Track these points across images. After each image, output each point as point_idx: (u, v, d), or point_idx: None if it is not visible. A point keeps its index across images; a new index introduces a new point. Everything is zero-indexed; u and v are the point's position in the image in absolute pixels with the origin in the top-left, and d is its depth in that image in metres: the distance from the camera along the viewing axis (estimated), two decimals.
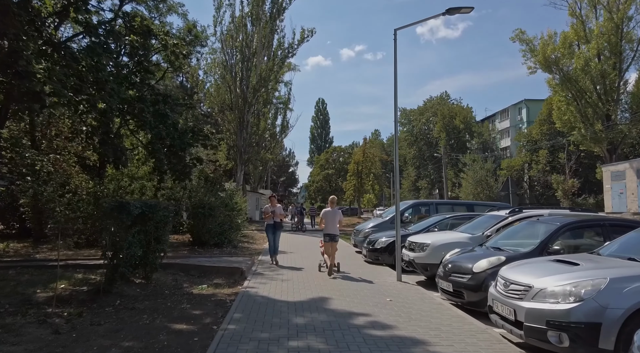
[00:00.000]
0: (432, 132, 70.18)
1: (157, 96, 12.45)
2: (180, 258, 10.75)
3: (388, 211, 15.45)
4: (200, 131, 12.76)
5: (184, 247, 14.45)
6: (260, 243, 17.63)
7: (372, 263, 11.25)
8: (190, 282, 8.60)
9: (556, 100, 40.40)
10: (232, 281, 8.74)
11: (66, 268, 9.20)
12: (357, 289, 7.82)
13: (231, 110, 32.19)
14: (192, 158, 12.92)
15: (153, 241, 8.16)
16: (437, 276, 7.22)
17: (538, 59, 38.99)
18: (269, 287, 7.98)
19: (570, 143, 45.95)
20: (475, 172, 51.14)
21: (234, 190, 16.70)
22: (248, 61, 31.41)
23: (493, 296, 5.07)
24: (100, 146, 10.85)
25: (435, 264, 8.48)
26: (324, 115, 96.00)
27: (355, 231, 14.43)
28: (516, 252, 6.45)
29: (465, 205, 14.04)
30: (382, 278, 9.12)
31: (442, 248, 8.50)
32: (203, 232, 13.88)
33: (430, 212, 13.59)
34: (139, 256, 7.84)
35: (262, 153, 38.21)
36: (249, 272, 9.56)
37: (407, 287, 8.16)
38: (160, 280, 8.52)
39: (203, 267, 9.40)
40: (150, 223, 7.95)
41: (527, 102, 59.27)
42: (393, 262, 10.70)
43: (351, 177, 51.28)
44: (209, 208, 13.65)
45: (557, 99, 40.23)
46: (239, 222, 17.05)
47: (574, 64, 36.85)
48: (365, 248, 11.67)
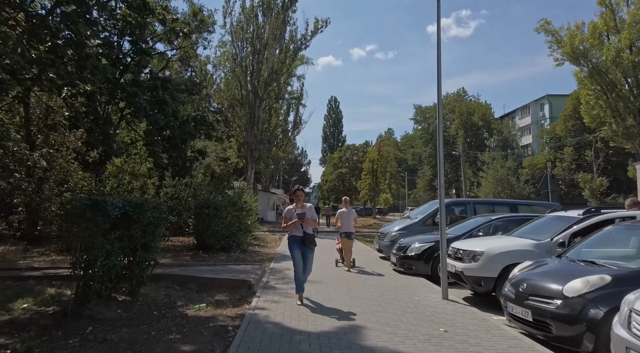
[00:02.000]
0: (449, 129, 67.92)
1: (155, 81, 10.90)
2: (179, 267, 9.17)
3: (416, 211, 13.67)
4: (203, 119, 11.17)
5: (187, 251, 12.91)
6: (272, 246, 16.02)
7: (403, 273, 9.53)
8: (187, 298, 7.00)
9: (584, 94, 38.29)
10: (237, 297, 7.12)
11: (40, 280, 7.70)
12: (395, 311, 6.13)
13: (241, 105, 30.68)
14: (194, 151, 11.32)
15: (140, 249, 6.59)
16: (504, 297, 5.49)
17: (565, 50, 36.92)
18: (283, 308, 6.33)
19: (597, 140, 43.66)
20: (495, 170, 48.94)
21: (243, 188, 15.11)
22: (259, 53, 29.88)
23: (627, 342, 3.33)
24: (87, 134, 9.34)
25: (490, 278, 6.76)
26: (336, 114, 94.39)
27: (380, 234, 12.70)
28: (622, 268, 4.69)
29: (507, 205, 12.23)
30: (422, 294, 7.40)
31: (501, 258, 6.76)
32: (208, 234, 12.32)
33: (467, 213, 11.81)
34: (121, 268, 6.27)
35: (273, 151, 36.65)
36: (258, 285, 7.93)
37: (459, 308, 6.44)
38: (150, 297, 6.94)
39: (203, 279, 7.80)
40: (135, 226, 6.37)
41: (549, 97, 56.74)
42: (429, 272, 9.03)
43: (366, 176, 49.48)
44: (214, 208, 12.08)
45: (585, 93, 38.13)
46: (248, 224, 15.48)
47: (604, 55, 34.75)
48: (395, 255, 9.96)
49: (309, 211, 6.89)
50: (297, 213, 6.81)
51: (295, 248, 6.82)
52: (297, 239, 6.83)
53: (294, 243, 6.86)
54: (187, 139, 10.74)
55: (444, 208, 7.14)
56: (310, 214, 6.84)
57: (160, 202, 6.99)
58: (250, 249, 14.50)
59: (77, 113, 9.15)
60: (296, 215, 6.81)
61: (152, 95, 10.50)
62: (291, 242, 6.90)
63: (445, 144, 69.57)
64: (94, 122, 8.99)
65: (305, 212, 6.80)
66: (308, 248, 6.81)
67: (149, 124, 10.03)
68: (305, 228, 6.79)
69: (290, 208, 6.99)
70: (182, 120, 10.69)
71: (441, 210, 7.14)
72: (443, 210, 7.12)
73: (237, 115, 31.69)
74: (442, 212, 7.12)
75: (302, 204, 6.99)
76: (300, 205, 6.97)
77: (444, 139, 63.98)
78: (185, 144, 10.91)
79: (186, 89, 11.40)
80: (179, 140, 10.81)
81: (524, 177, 49.48)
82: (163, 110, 10.38)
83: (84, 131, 9.72)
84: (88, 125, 8.90)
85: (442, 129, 7.50)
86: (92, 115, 9.00)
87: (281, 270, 9.80)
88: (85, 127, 9.13)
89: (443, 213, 7.12)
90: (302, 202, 7.03)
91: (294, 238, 6.87)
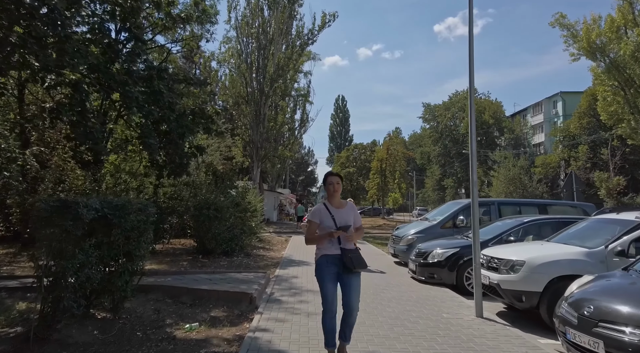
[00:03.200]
0: (458, 128, 66.61)
1: (150, 71, 9.97)
2: (173, 275, 8.22)
3: (434, 213, 12.58)
4: (201, 112, 10.21)
5: (187, 256, 11.99)
6: (278, 249, 15.06)
7: (424, 282, 8.50)
8: (178, 314, 6.04)
9: (601, 90, 37.09)
10: (236, 314, 6.15)
11: (13, 292, 6.78)
12: (424, 334, 5.12)
13: (247, 103, 29.76)
14: (192, 146, 10.36)
15: (122, 258, 5.65)
16: (560, 320, 4.46)
17: (582, 45, 35.71)
18: (289, 328, 5.35)
19: (613, 137, 42.33)
20: (507, 169, 47.67)
21: (247, 188, 14.16)
22: (264, 49, 28.95)
23: None
24: (71, 128, 8.44)
25: (534, 293, 5.72)
26: (343, 113, 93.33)
27: (395, 237, 11.65)
28: None
29: (536, 206, 11.13)
30: (450, 309, 6.38)
31: (546, 270, 5.73)
32: (208, 238, 11.38)
33: (491, 215, 10.75)
34: (99, 281, 5.33)
35: (280, 149, 35.71)
36: (261, 298, 6.95)
37: (499, 330, 5.41)
38: (136, 313, 5.99)
39: (199, 291, 6.84)
40: (116, 232, 5.41)
41: (563, 94, 55.24)
42: (454, 281, 8.01)
43: (374, 176, 48.38)
44: (214, 210, 11.13)
45: (602, 89, 36.93)
46: (253, 225, 14.54)
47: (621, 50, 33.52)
48: (414, 261, 8.93)
49: (346, 213, 4.24)
50: (332, 217, 4.15)
51: (328, 275, 4.11)
52: (332, 261, 4.12)
53: (326, 268, 4.12)
54: (185, 133, 9.79)
55: (477, 210, 6.11)
56: (346, 217, 4.22)
57: (147, 203, 6.03)
58: (255, 253, 13.56)
59: (60, 104, 8.23)
60: (332, 220, 4.13)
61: (146, 86, 9.57)
62: (322, 266, 4.15)
63: (454, 143, 68.27)
64: (80, 115, 8.07)
65: (340, 214, 4.19)
66: (352, 275, 4.15)
67: (142, 116, 9.09)
68: (346, 244, 4.17)
69: (321, 209, 4.24)
70: (179, 113, 9.75)
71: (474, 212, 6.12)
72: (476, 211, 6.10)
73: (242, 113, 30.80)
74: (475, 213, 6.09)
75: (340, 202, 4.32)
76: (337, 202, 4.29)
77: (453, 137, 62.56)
78: (183, 139, 9.97)
79: (184, 79, 10.46)
80: (175, 134, 9.86)
81: (536, 176, 48.24)
82: (158, 101, 9.44)
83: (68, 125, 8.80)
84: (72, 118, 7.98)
85: (474, 119, 6.48)
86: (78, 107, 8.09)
87: (287, 279, 8.82)
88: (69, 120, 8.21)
89: (476, 215, 6.09)
90: (338, 197, 4.32)
91: (326, 259, 4.14)
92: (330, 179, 4.30)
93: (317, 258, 4.23)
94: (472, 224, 6.05)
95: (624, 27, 35.44)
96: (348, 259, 4.07)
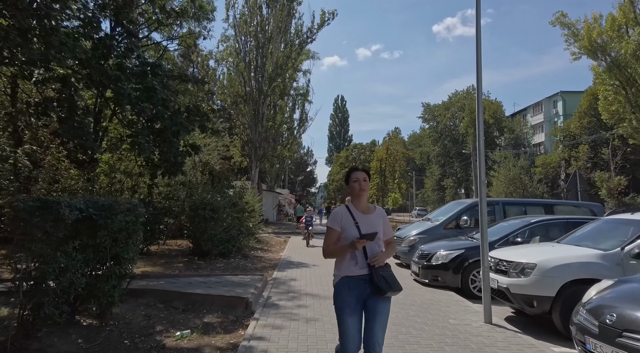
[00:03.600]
0: (458, 127, 66.33)
1: (143, 67, 9.64)
2: (167, 278, 7.89)
3: (436, 213, 12.25)
4: (196, 109, 9.86)
5: (182, 257, 11.66)
6: (276, 251, 14.73)
7: (427, 285, 8.18)
8: (169, 320, 5.71)
9: (602, 89, 36.92)
10: (231, 319, 5.81)
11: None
12: (430, 343, 4.80)
13: (245, 102, 29.41)
14: (187, 144, 10.02)
15: (109, 261, 5.32)
16: (578, 328, 4.14)
17: (583, 43, 35.49)
18: (287, 336, 5.02)
19: (614, 137, 42.11)
20: (507, 169, 47.40)
21: (245, 187, 13.83)
22: (263, 47, 28.60)
23: None
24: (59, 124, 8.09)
25: (546, 297, 5.41)
26: (342, 113, 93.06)
27: (396, 239, 11.29)
28: None
29: (541, 206, 10.81)
30: (457, 315, 6.05)
31: (559, 273, 5.41)
32: (204, 239, 11.05)
33: (495, 215, 10.42)
34: (84, 286, 5.00)
35: (278, 149, 35.35)
36: (258, 302, 6.62)
37: (510, 337, 5.09)
38: (125, 319, 5.67)
39: (192, 295, 6.50)
40: (102, 233, 5.09)
41: (563, 94, 55.01)
42: (459, 284, 7.71)
43: (374, 176, 48.06)
44: (210, 210, 10.79)
45: (603, 88, 36.77)
46: (250, 226, 14.20)
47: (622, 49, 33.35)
48: (417, 263, 8.61)
49: (382, 222, 3.29)
50: (356, 224, 3.15)
51: (351, 304, 3.08)
52: (356, 284, 3.11)
53: (348, 295, 3.09)
54: (180, 131, 9.45)
55: (485, 210, 5.77)
56: (386, 230, 3.31)
57: (136, 203, 5.70)
58: (253, 254, 13.24)
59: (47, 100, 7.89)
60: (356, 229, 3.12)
61: (139, 82, 9.24)
62: (343, 292, 3.12)
63: (454, 143, 67.93)
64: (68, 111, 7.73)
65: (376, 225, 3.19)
66: (382, 300, 3.13)
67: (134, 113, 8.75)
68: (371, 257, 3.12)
69: (342, 213, 3.24)
70: (173, 110, 9.41)
71: (482, 212, 5.78)
72: (484, 211, 5.76)
73: (240, 112, 30.44)
74: (484, 214, 5.75)
75: (367, 205, 3.33)
76: (364, 205, 3.30)
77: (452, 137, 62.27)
78: (178, 137, 9.63)
79: (179, 75, 10.13)
80: (170, 132, 9.52)
81: (536, 176, 48.01)
82: (151, 98, 9.11)
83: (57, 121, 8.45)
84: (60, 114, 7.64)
85: (482, 115, 6.17)
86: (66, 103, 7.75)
87: (285, 281, 8.49)
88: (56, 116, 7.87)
89: (484, 216, 5.76)
90: (365, 198, 3.33)
91: (349, 283, 3.12)
92: (356, 175, 3.27)
93: (336, 281, 3.17)
94: (481, 225, 5.73)
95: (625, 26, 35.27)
96: (380, 278, 3.03)
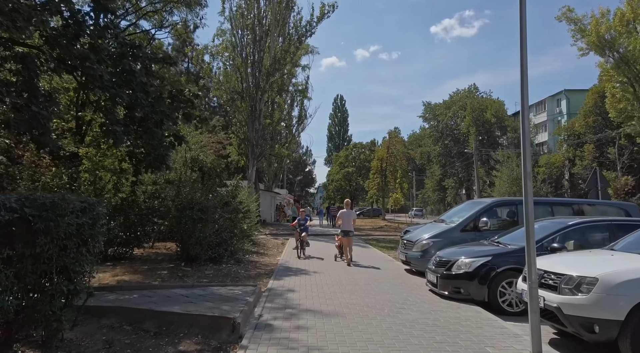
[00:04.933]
0: (459, 127, 65.24)
1: (123, 48, 8.47)
2: (143, 290, 6.71)
3: (451, 213, 11.04)
4: (180, 93, 8.67)
5: (168, 263, 10.50)
6: (273, 254, 13.57)
7: (448, 298, 7.01)
8: (136, 349, 4.54)
9: (609, 86, 35.98)
10: (213, 346, 4.65)
11: None
12: None
13: (242, 98, 28.24)
14: (170, 134, 8.83)
15: (56, 275, 4.16)
16: None
17: (591, 39, 34.51)
18: None
19: (621, 136, 41.10)
20: (511, 169, 46.32)
21: (239, 186, 12.67)
22: (260, 41, 27.44)
23: None
24: (14, 112, 6.92)
25: (613, 321, 4.26)
26: (342, 113, 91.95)
27: (406, 242, 10.13)
28: None
29: (569, 205, 9.71)
30: (493, 339, 4.90)
31: (629, 290, 4.26)
32: (191, 242, 9.88)
33: (517, 216, 9.30)
34: (18, 308, 3.84)
35: (277, 148, 34.19)
36: (248, 322, 5.45)
37: None
38: (80, 347, 4.51)
39: (168, 314, 5.34)
40: (44, 240, 3.94)
41: (567, 92, 53.96)
42: (486, 297, 6.57)
43: (374, 176, 46.89)
44: (199, 210, 9.63)
45: (610, 86, 35.84)
46: (245, 228, 13.05)
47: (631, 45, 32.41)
48: (434, 272, 7.44)
49: None
50: None
51: None
52: None
53: None
54: (163, 120, 8.29)
55: (531, 210, 4.60)
56: None
57: (93, 202, 4.55)
58: (247, 258, 12.06)
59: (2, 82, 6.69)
60: None
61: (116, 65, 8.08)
62: None
63: (455, 142, 66.80)
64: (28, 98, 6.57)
65: None
66: None
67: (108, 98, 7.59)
68: None
69: None
70: (155, 96, 8.24)
71: (527, 213, 4.61)
72: (531, 212, 4.59)
73: (237, 109, 29.28)
74: (530, 215, 4.58)
75: None
76: None
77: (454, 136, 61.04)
78: (161, 127, 8.46)
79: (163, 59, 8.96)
80: (152, 121, 8.36)
81: (540, 176, 46.96)
82: (129, 82, 7.95)
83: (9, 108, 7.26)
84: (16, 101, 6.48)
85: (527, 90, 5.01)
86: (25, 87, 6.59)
87: (282, 293, 7.33)
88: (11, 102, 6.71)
89: (531, 217, 4.59)
90: None
91: None
92: None
93: None
94: (526, 228, 4.56)
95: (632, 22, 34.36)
96: None
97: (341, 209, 12.76)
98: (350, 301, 6.78)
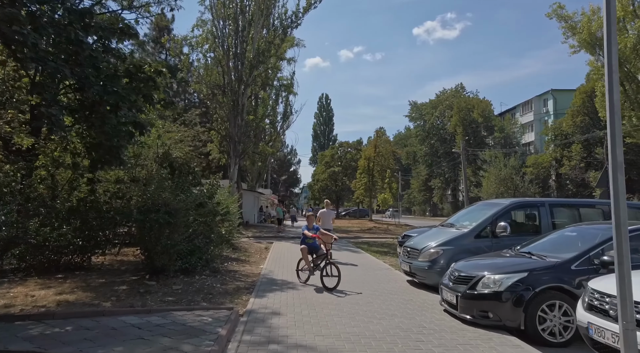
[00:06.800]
0: (446, 127, 64.55)
1: (71, 15, 6.84)
2: (81, 319, 5.14)
3: (460, 216, 9.60)
4: (139, 70, 7.08)
5: (131, 274, 8.92)
6: (256, 261, 12.03)
7: (472, 324, 5.62)
8: None
9: (600, 85, 35.50)
10: None
11: None
12: None
13: (223, 93, 26.56)
14: (126, 122, 7.20)
15: None
16: None
17: (582, 36, 34.01)
18: None
19: None
20: (498, 169, 45.65)
21: (216, 185, 11.12)
22: (243, 32, 25.83)
23: None
24: None
25: None
26: (327, 112, 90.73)
27: (410, 250, 8.69)
28: None
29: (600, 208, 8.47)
30: None
31: None
32: (157, 251, 8.30)
33: (540, 220, 8.01)
34: None
35: (260, 145, 32.59)
36: None
37: None
38: None
39: None
40: None
41: (554, 92, 53.65)
42: (522, 324, 5.23)
43: (361, 175, 45.61)
44: (166, 213, 8.05)
45: (601, 84, 35.34)
46: (223, 232, 11.51)
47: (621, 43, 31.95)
48: (452, 290, 6.04)
49: None
50: None
51: None
52: None
53: None
54: (119, 103, 6.72)
55: (624, 207, 3.24)
56: None
57: None
58: (225, 267, 10.53)
59: None
60: None
61: (59, 33, 6.47)
62: None
63: (442, 142, 66.07)
64: None
65: None
66: None
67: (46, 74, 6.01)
68: None
69: None
70: (108, 74, 6.67)
71: (617, 218, 3.25)
72: (624, 210, 3.23)
73: (218, 104, 27.58)
74: (623, 220, 3.23)
75: None
76: None
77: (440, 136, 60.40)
78: (117, 112, 6.88)
79: (121, 29, 7.36)
80: (105, 106, 6.77)
81: (528, 177, 46.45)
82: (77, 54, 6.35)
83: None
84: None
85: (616, 45, 3.66)
86: None
87: (264, 318, 5.82)
88: None
89: (625, 224, 3.24)
90: None
91: None
92: None
93: None
94: (616, 241, 3.20)
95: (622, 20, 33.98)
96: None
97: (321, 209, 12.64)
98: (351, 329, 5.33)
